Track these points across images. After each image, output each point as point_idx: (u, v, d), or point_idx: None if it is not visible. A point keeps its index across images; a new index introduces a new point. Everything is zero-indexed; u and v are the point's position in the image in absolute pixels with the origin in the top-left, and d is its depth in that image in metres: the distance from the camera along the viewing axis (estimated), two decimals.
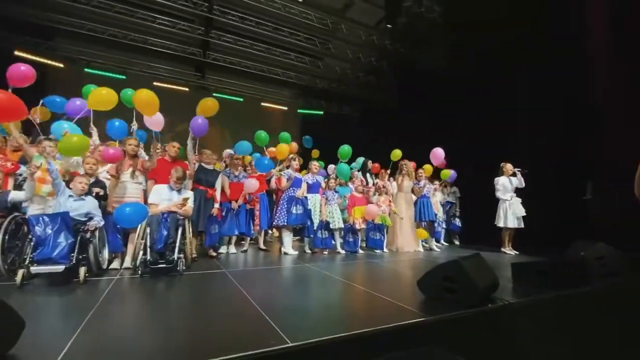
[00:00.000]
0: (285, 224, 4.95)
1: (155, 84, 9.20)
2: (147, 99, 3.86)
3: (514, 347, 2.35)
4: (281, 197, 5.14)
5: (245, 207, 5.13)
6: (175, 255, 3.36)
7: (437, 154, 5.98)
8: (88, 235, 3.15)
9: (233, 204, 4.84)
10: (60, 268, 2.80)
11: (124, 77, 9.11)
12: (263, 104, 11.26)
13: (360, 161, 6.91)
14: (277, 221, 5.02)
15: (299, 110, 11.91)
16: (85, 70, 8.78)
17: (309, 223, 5.12)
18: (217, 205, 4.53)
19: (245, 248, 5.25)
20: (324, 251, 5.14)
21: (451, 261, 2.54)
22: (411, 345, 1.96)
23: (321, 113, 11.90)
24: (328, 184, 5.53)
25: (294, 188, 5.11)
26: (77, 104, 4.17)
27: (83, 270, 2.94)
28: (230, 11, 7.71)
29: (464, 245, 6.74)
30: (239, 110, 10.65)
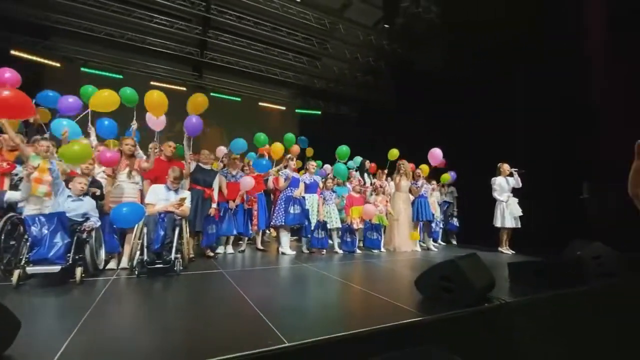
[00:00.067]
0: (283, 223, 4.95)
1: (152, 83, 9.17)
2: (160, 101, 3.94)
3: (511, 347, 2.36)
4: (279, 197, 5.14)
5: (243, 207, 5.12)
6: (172, 255, 3.35)
7: (435, 154, 6.00)
8: (84, 236, 3.14)
9: (230, 204, 4.83)
10: (56, 268, 2.79)
11: (121, 77, 9.07)
12: (261, 103, 11.25)
13: (358, 160, 6.92)
14: (275, 221, 5.02)
15: (296, 110, 11.90)
16: (82, 69, 8.73)
17: (307, 223, 5.12)
18: (215, 205, 4.53)
19: (243, 248, 5.23)
20: (322, 251, 5.15)
21: (448, 261, 2.55)
22: (408, 344, 1.96)
23: (319, 113, 11.90)
24: (326, 184, 5.54)
25: (291, 188, 5.11)
26: (70, 101, 4.13)
27: (79, 270, 2.93)
28: (227, 11, 7.70)
29: (462, 244, 6.77)
30: (237, 110, 10.65)
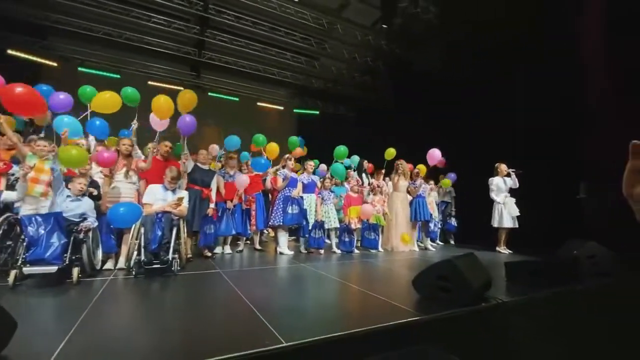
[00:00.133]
0: (281, 223, 4.95)
1: (150, 83, 9.16)
2: (167, 106, 3.99)
3: (508, 346, 2.37)
4: (277, 197, 5.13)
5: (242, 207, 5.12)
6: (170, 255, 3.35)
7: (434, 154, 6.03)
8: (81, 236, 3.13)
9: (228, 204, 4.83)
10: (53, 269, 2.78)
11: (119, 76, 9.04)
12: (259, 103, 11.23)
13: (356, 159, 6.91)
14: (273, 221, 5.01)
15: (294, 110, 11.89)
16: (79, 69, 8.69)
17: (305, 223, 5.12)
18: (213, 205, 4.52)
19: (241, 248, 5.23)
20: (319, 251, 5.15)
21: (445, 260, 2.56)
22: (405, 344, 1.97)
23: (317, 113, 11.89)
24: (324, 184, 5.54)
25: (289, 188, 5.11)
26: (61, 98, 4.07)
27: (76, 270, 2.92)
28: (225, 10, 7.68)
29: (459, 244, 6.79)
30: (235, 110, 10.63)
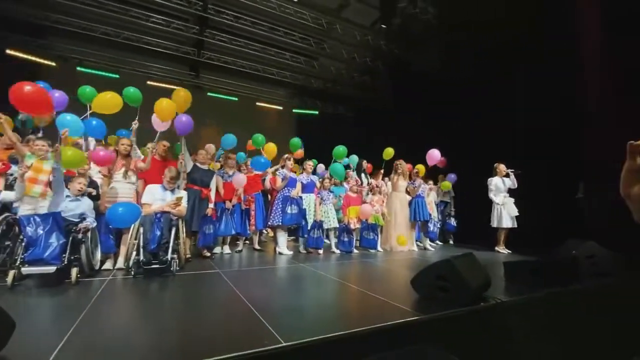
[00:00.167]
0: (280, 223, 4.95)
1: (149, 83, 9.14)
2: (169, 109, 3.99)
3: (506, 345, 2.37)
4: (276, 197, 5.13)
5: (241, 207, 5.13)
6: (169, 255, 3.35)
7: (433, 155, 6.04)
8: (80, 236, 3.13)
9: (227, 204, 4.82)
10: (51, 269, 2.77)
11: (117, 76, 9.02)
12: (258, 103, 11.23)
13: (354, 159, 6.92)
14: (272, 221, 5.01)
15: (294, 110, 11.89)
16: (77, 69, 8.67)
17: (304, 223, 5.12)
18: (212, 205, 4.52)
19: (240, 248, 5.23)
20: (318, 251, 5.15)
21: (444, 260, 2.56)
22: (404, 344, 1.97)
23: (316, 113, 11.90)
24: (323, 184, 5.54)
25: (288, 188, 5.11)
26: (56, 96, 3.98)
27: (75, 271, 2.91)
28: (225, 10, 7.68)
29: (459, 244, 6.80)
30: (234, 110, 10.62)
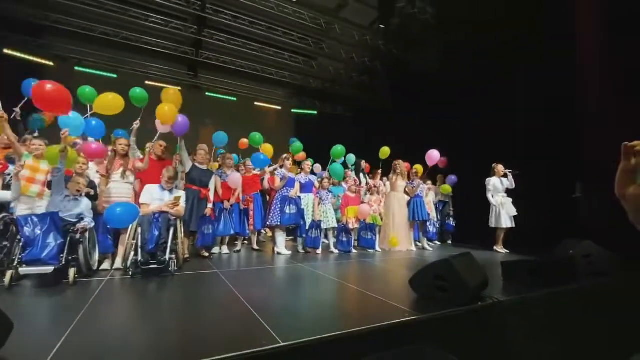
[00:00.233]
0: (279, 223, 4.95)
1: (147, 82, 9.12)
2: (171, 114, 3.96)
3: (504, 345, 2.38)
4: (274, 197, 5.13)
5: (239, 207, 5.12)
6: (167, 255, 3.34)
7: (433, 156, 6.05)
8: (78, 236, 3.12)
9: (225, 204, 4.82)
10: (49, 269, 2.77)
11: (115, 76, 9.01)
12: (256, 103, 11.23)
13: (351, 158, 6.92)
14: (271, 221, 5.01)
15: (292, 110, 11.90)
16: (76, 68, 8.65)
17: (302, 223, 5.12)
18: (211, 205, 4.51)
19: (239, 248, 5.23)
20: (316, 250, 5.15)
21: (442, 260, 2.57)
22: (403, 343, 1.97)
23: (315, 113, 11.90)
24: (322, 184, 5.54)
25: (287, 188, 5.11)
26: None
27: (73, 271, 2.91)
28: (223, 10, 7.67)
29: (457, 244, 6.81)
30: (232, 109, 10.62)
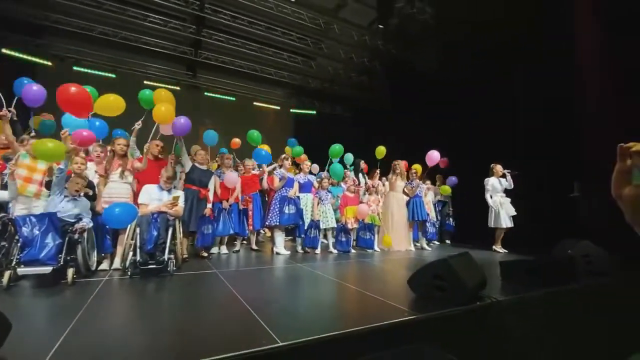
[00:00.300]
0: (278, 223, 4.94)
1: (146, 82, 9.09)
2: (168, 113, 3.95)
3: (502, 344, 2.38)
4: (273, 197, 5.13)
5: (238, 207, 5.12)
6: (166, 255, 3.34)
7: (432, 156, 6.06)
8: (76, 236, 3.11)
9: (224, 204, 4.82)
10: (47, 269, 2.76)
11: (114, 76, 8.99)
12: (255, 103, 11.21)
13: (349, 158, 6.91)
14: (270, 221, 5.01)
15: (291, 110, 11.89)
16: (74, 68, 8.62)
17: (301, 223, 5.12)
18: (210, 205, 4.51)
19: (238, 248, 5.22)
20: (315, 250, 5.15)
21: (441, 260, 2.57)
22: (401, 343, 1.98)
23: (314, 113, 11.89)
24: (321, 184, 5.54)
25: (286, 188, 5.11)
26: (34, 89, 3.82)
27: (71, 271, 2.90)
28: (222, 10, 7.66)
29: (456, 244, 6.81)
30: (231, 109, 10.61)
